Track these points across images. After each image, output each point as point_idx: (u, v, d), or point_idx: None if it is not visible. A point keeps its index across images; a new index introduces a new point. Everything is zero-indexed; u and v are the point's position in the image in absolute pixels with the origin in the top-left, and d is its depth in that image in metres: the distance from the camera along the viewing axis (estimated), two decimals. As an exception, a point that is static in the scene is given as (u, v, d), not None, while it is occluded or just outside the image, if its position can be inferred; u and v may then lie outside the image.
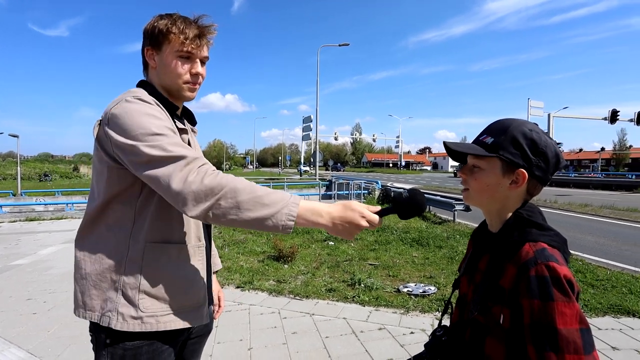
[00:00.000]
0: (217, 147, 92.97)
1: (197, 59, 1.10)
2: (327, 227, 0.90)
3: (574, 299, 0.69)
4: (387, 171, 67.10)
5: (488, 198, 0.85)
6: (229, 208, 0.86)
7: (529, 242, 0.77)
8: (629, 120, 28.01)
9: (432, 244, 6.41)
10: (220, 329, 3.18)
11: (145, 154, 0.90)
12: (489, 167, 0.83)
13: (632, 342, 3.03)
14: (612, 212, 11.50)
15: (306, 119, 28.82)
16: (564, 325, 0.67)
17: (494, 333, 0.78)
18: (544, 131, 0.82)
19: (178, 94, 1.11)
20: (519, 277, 0.73)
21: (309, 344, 2.91)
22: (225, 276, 4.66)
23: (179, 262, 1.05)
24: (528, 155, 0.80)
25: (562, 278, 0.70)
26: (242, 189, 0.87)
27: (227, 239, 6.93)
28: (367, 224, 0.91)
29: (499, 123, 0.85)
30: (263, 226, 0.87)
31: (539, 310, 0.69)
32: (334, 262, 5.31)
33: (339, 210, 0.91)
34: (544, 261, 0.72)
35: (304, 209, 0.89)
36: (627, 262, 5.78)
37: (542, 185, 0.83)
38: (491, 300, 0.78)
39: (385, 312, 3.58)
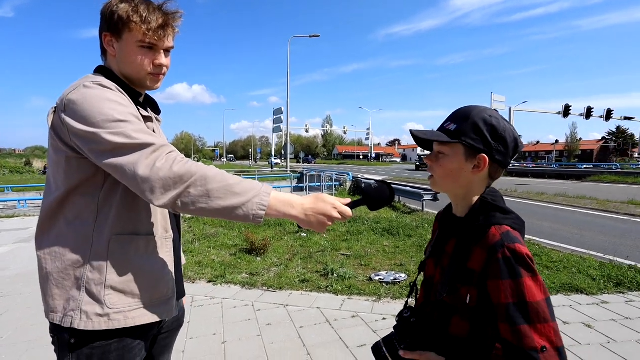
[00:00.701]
0: (185, 140, 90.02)
1: (161, 50, 1.04)
2: (299, 219, 0.90)
3: (537, 272, 0.76)
4: (358, 163, 67.97)
5: (452, 183, 0.89)
6: (199, 196, 0.84)
7: (494, 225, 0.82)
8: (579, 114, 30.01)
9: (402, 233, 6.60)
10: (193, 324, 3.12)
11: (108, 141, 0.85)
12: (452, 153, 0.87)
13: (580, 317, 3.30)
14: (565, 200, 12.35)
15: (277, 110, 28.45)
16: (532, 298, 0.73)
17: (460, 312, 0.82)
18: (503, 117, 0.87)
19: (140, 84, 1.06)
20: (489, 260, 0.78)
21: (283, 335, 2.93)
22: (197, 271, 4.56)
23: (147, 255, 1.01)
24: (488, 140, 0.83)
25: (525, 256, 0.76)
26: (212, 177, 0.85)
27: (197, 233, 6.77)
28: (339, 215, 0.92)
29: (462, 110, 0.89)
30: (233, 215, 0.85)
31: (511, 289, 0.74)
32: (306, 254, 5.33)
33: (310, 201, 0.91)
34: (510, 242, 0.77)
35: (275, 200, 0.88)
36: (576, 245, 6.25)
37: (502, 168, 0.87)
38: (459, 282, 0.82)
39: (358, 300, 3.67)
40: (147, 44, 1.00)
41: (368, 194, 0.95)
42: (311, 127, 48.34)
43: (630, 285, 4.08)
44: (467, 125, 0.85)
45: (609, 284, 4.12)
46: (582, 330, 3.05)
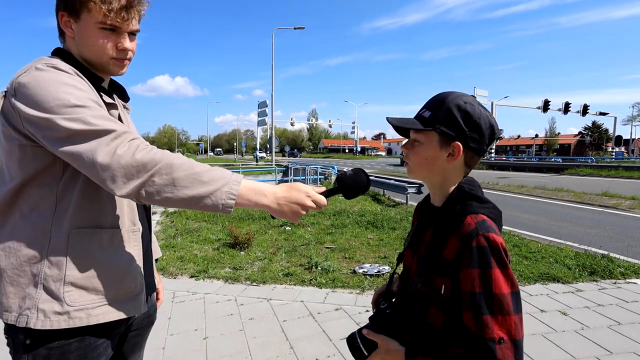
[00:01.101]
0: (168, 133, 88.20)
1: (124, 33, 0.97)
2: (271, 208, 0.86)
3: (509, 265, 0.75)
4: (344, 157, 68.15)
5: (427, 171, 0.88)
6: (164, 185, 0.79)
7: (470, 214, 0.81)
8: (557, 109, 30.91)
9: (386, 226, 6.66)
10: (174, 320, 3.06)
11: (64, 128, 0.79)
12: (427, 141, 0.85)
13: (556, 305, 3.41)
14: (544, 192, 12.72)
15: (261, 103, 28.12)
16: (499, 290, 0.73)
17: (436, 303, 0.81)
18: (480, 103, 0.85)
19: (103, 69, 0.99)
20: (462, 249, 0.77)
21: (266, 329, 2.91)
22: (179, 266, 4.48)
23: (112, 249, 0.96)
24: (462, 127, 0.82)
25: (500, 248, 0.75)
26: (178, 165, 0.80)
27: (180, 227, 6.65)
28: (313, 204, 0.89)
29: (438, 96, 0.87)
30: (201, 205, 0.81)
31: (478, 278, 0.74)
32: (291, 247, 5.31)
33: (283, 190, 0.88)
34: (485, 232, 0.76)
35: (246, 188, 0.84)
36: (554, 236, 6.45)
37: (478, 156, 0.86)
38: (435, 272, 0.82)
39: (341, 293, 3.67)
40: (108, 26, 0.93)
41: (343, 181, 0.92)
42: (296, 121, 48.13)
43: (602, 274, 4.24)
44: (441, 112, 0.83)
45: (584, 273, 4.26)
46: (558, 317, 3.15)
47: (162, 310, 3.25)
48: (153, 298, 1.25)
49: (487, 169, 26.39)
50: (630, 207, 9.63)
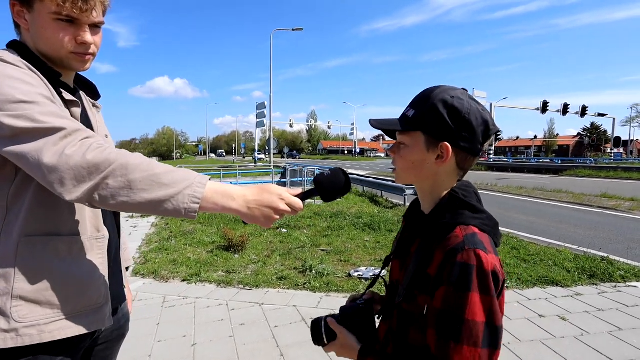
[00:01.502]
0: (167, 135, 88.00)
1: (84, 25, 0.88)
2: (241, 213, 0.78)
3: (493, 292, 0.65)
4: (343, 158, 68.11)
5: (416, 176, 0.80)
6: (119, 188, 0.72)
7: (460, 225, 0.72)
8: (556, 110, 30.96)
9: (384, 228, 6.58)
10: (163, 326, 2.98)
11: (8, 126, 0.72)
12: (412, 143, 0.77)
13: (555, 309, 3.33)
14: (543, 193, 12.66)
15: (260, 105, 28.07)
16: (471, 317, 0.63)
17: (417, 323, 0.73)
18: (471, 97, 0.76)
19: (62, 64, 0.92)
20: (444, 264, 0.68)
21: (257, 335, 2.82)
22: (171, 269, 4.39)
23: (71, 258, 0.88)
24: (449, 125, 0.73)
25: (486, 270, 0.65)
26: (135, 166, 0.73)
27: (174, 230, 6.56)
28: (287, 207, 0.80)
29: (423, 92, 0.78)
30: (162, 209, 0.73)
31: (452, 298, 0.65)
32: (286, 250, 5.23)
33: (254, 192, 0.79)
34: (472, 247, 0.67)
35: (212, 191, 0.76)
36: (553, 238, 6.38)
37: (472, 156, 0.76)
38: (418, 288, 0.73)
39: (336, 297, 3.59)
40: (64, 17, 0.85)
41: (320, 183, 0.84)
42: (295, 122, 48.03)
43: (602, 277, 4.16)
44: (425, 109, 0.74)
45: (583, 276, 4.19)
46: (557, 322, 3.07)
47: (151, 315, 3.17)
48: (124, 309, 1.16)
49: (486, 170, 26.37)
50: (630, 208, 9.58)
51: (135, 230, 6.65)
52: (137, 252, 5.29)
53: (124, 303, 1.15)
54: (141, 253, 5.18)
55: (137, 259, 4.96)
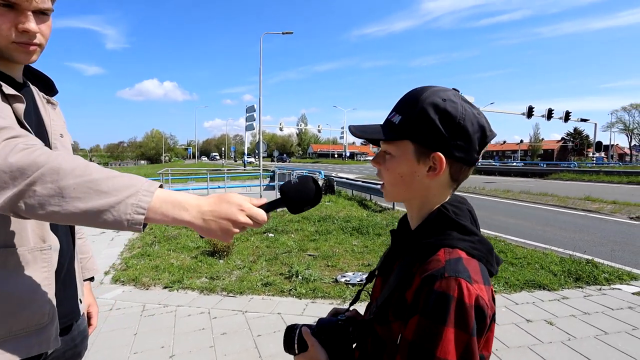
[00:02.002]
0: (156, 138, 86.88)
1: (27, 11, 0.79)
2: (195, 225, 0.67)
3: (472, 329, 0.56)
4: (333, 162, 68.20)
5: (405, 191, 0.70)
6: (48, 196, 0.61)
7: (444, 247, 0.63)
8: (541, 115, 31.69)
9: (372, 232, 6.53)
10: (140, 337, 2.85)
11: None
12: (400, 153, 0.67)
13: (542, 314, 3.32)
14: (529, 197, 12.81)
15: (249, 108, 27.80)
16: (444, 355, 0.55)
17: (390, 352, 0.65)
18: (464, 98, 0.67)
19: (2, 55, 0.83)
20: (421, 289, 0.60)
21: (238, 345, 2.72)
22: (152, 276, 4.25)
23: (5, 273, 0.78)
24: (442, 133, 0.63)
25: (467, 303, 0.56)
26: (68, 171, 0.62)
27: (158, 235, 6.40)
28: (248, 219, 0.69)
29: (410, 94, 0.68)
30: (100, 221, 0.63)
31: (424, 330, 0.57)
32: (272, 255, 5.13)
33: (210, 202, 0.69)
34: (453, 275, 0.58)
35: (160, 200, 0.65)
36: (539, 240, 6.42)
37: (468, 167, 0.67)
38: (393, 314, 0.64)
39: (321, 304, 3.51)
40: (3, 1, 0.76)
41: (285, 193, 0.74)
42: (285, 126, 47.84)
43: (587, 280, 4.18)
44: (413, 114, 0.65)
45: (569, 279, 4.20)
46: (545, 327, 3.05)
47: (129, 325, 3.03)
48: (81, 325, 1.06)
49: (473, 174, 26.59)
50: (612, 211, 9.75)
51: (117, 235, 6.46)
52: (119, 258, 5.12)
53: (79, 319, 1.05)
54: (122, 259, 5.02)
55: (118, 265, 4.79)
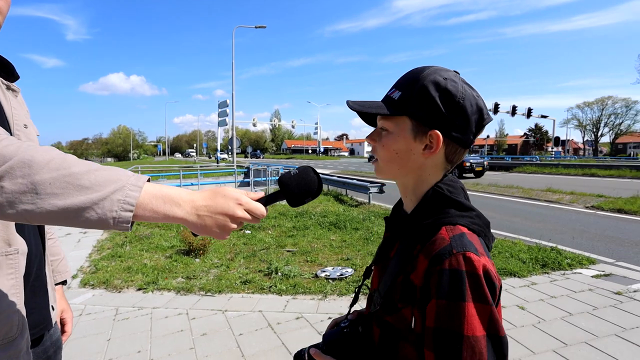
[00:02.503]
0: (123, 134, 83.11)
1: None
2: (189, 222, 0.62)
3: (490, 299, 0.57)
4: (307, 157, 68.09)
5: (399, 169, 0.69)
6: (19, 193, 0.54)
7: (445, 225, 0.63)
8: (506, 112, 33.19)
9: (349, 227, 6.58)
10: (114, 342, 2.72)
11: None
12: (397, 130, 0.67)
13: (514, 299, 3.48)
14: (497, 189, 13.38)
15: (222, 103, 27.26)
16: (470, 332, 0.55)
17: (406, 337, 0.64)
18: (464, 80, 0.68)
19: None
20: (429, 271, 0.59)
21: (220, 345, 2.66)
22: (125, 278, 4.07)
23: None
24: (441, 111, 0.64)
25: (479, 274, 0.57)
26: (43, 163, 0.55)
27: (129, 235, 6.13)
28: (246, 214, 0.64)
29: (411, 72, 0.68)
30: (82, 220, 0.55)
31: (445, 312, 0.57)
32: (250, 252, 5.06)
33: (205, 197, 0.63)
34: (461, 251, 0.58)
35: (150, 195, 0.59)
36: (508, 231, 6.72)
37: (463, 148, 0.68)
38: (402, 300, 0.64)
39: (302, 299, 3.50)
40: None
41: (286, 184, 0.69)
42: (259, 121, 47.05)
43: (553, 266, 4.44)
44: (414, 91, 0.65)
45: (537, 266, 4.43)
46: (517, 312, 3.20)
47: (101, 331, 2.89)
48: (54, 335, 0.99)
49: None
50: (570, 201, 10.38)
51: (85, 237, 6.14)
52: (87, 260, 4.86)
53: (52, 328, 0.97)
54: (91, 262, 4.77)
55: (87, 267, 4.55)
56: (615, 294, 3.60)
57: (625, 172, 19.29)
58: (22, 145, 0.56)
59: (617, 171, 19.73)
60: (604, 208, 8.98)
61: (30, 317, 0.83)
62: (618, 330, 2.86)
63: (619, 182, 15.87)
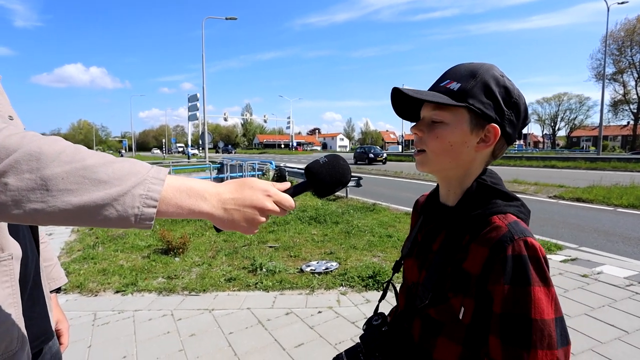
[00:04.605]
0: (84, 130, 78.67)
1: None
2: (215, 217, 0.57)
3: (551, 281, 0.59)
4: (280, 152, 67.59)
5: (450, 161, 0.69)
6: (27, 190, 0.47)
7: (497, 214, 0.65)
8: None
9: (329, 220, 6.62)
10: (96, 349, 2.59)
11: None
12: (454, 121, 0.66)
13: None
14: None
15: (192, 97, 26.42)
16: (540, 315, 0.56)
17: (449, 331, 0.65)
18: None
19: None
20: (493, 259, 0.60)
21: (210, 345, 2.60)
22: (100, 280, 3.88)
23: None
24: (501, 106, 0.65)
25: (541, 257, 0.59)
26: (52, 155, 0.48)
27: (100, 235, 5.84)
28: (275, 206, 0.60)
29: (464, 66, 0.68)
30: (100, 219, 0.49)
31: (513, 298, 0.58)
32: (231, 249, 4.97)
33: (232, 189, 0.59)
34: (522, 236, 0.60)
35: (173, 189, 0.54)
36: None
37: (508, 144, 0.70)
38: (452, 289, 0.64)
39: (290, 295, 3.49)
40: None
41: (316, 174, 0.66)
42: (230, 116, 46.08)
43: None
44: (475, 84, 0.65)
45: (510, 254, 4.66)
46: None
47: (80, 338, 2.74)
48: (53, 347, 0.92)
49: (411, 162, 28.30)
50: (535, 191, 11.01)
51: (50, 238, 5.76)
52: (55, 263, 4.58)
53: (52, 340, 0.91)
54: (61, 264, 4.49)
55: (56, 271, 4.29)
56: (582, 276, 3.86)
57: (580, 163, 20.80)
58: (26, 135, 0.50)
59: (574, 162, 21.20)
60: (565, 197, 9.59)
61: (30, 328, 0.76)
62: (587, 309, 3.08)
63: (576, 173, 17.00)
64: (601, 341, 2.58)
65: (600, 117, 25.63)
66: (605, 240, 5.55)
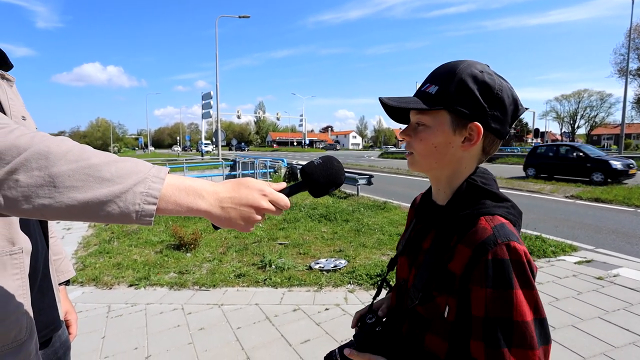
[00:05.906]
0: (102, 127, 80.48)
1: None
2: (212, 215, 0.59)
3: (534, 284, 0.60)
4: (292, 150, 67.81)
5: (437, 162, 0.70)
6: (36, 186, 0.50)
7: (484, 215, 0.65)
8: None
9: (339, 218, 6.62)
10: (109, 340, 2.68)
11: None
12: (435, 124, 0.68)
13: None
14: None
15: (205, 95, 26.76)
16: (521, 317, 0.57)
17: (436, 328, 0.66)
18: (497, 73, 0.69)
19: None
20: (474, 260, 0.61)
21: (218, 339, 2.65)
22: (115, 274, 4.00)
23: None
24: (481, 103, 0.65)
25: (524, 261, 0.59)
26: (60, 154, 0.52)
27: (116, 230, 6.00)
28: (270, 205, 0.63)
29: (444, 67, 0.69)
30: (103, 215, 0.53)
31: (494, 301, 0.58)
32: (241, 245, 5.03)
33: (229, 188, 0.61)
34: (505, 240, 0.60)
35: (173, 187, 0.57)
36: (494, 221, 6.91)
37: (499, 139, 0.70)
38: (437, 288, 0.65)
39: (298, 291, 3.52)
40: None
41: (310, 175, 0.69)
42: (243, 114, 46.36)
43: (538, 254, 4.60)
44: (452, 85, 0.65)
45: (523, 254, 4.58)
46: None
47: (94, 329, 2.84)
48: (63, 336, 0.96)
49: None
50: (551, 191, 10.73)
51: (69, 233, 5.96)
52: (73, 257, 4.74)
53: (60, 329, 0.95)
54: (78, 258, 4.65)
55: (74, 265, 4.44)
56: (597, 279, 3.76)
57: (601, 162, 20.07)
58: (36, 136, 0.53)
59: (594, 161, 20.49)
60: (582, 197, 9.33)
61: (38, 318, 0.80)
62: (601, 313, 3.00)
63: (595, 172, 16.47)
64: (615, 345, 2.52)
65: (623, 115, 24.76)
66: (624, 242, 5.39)
